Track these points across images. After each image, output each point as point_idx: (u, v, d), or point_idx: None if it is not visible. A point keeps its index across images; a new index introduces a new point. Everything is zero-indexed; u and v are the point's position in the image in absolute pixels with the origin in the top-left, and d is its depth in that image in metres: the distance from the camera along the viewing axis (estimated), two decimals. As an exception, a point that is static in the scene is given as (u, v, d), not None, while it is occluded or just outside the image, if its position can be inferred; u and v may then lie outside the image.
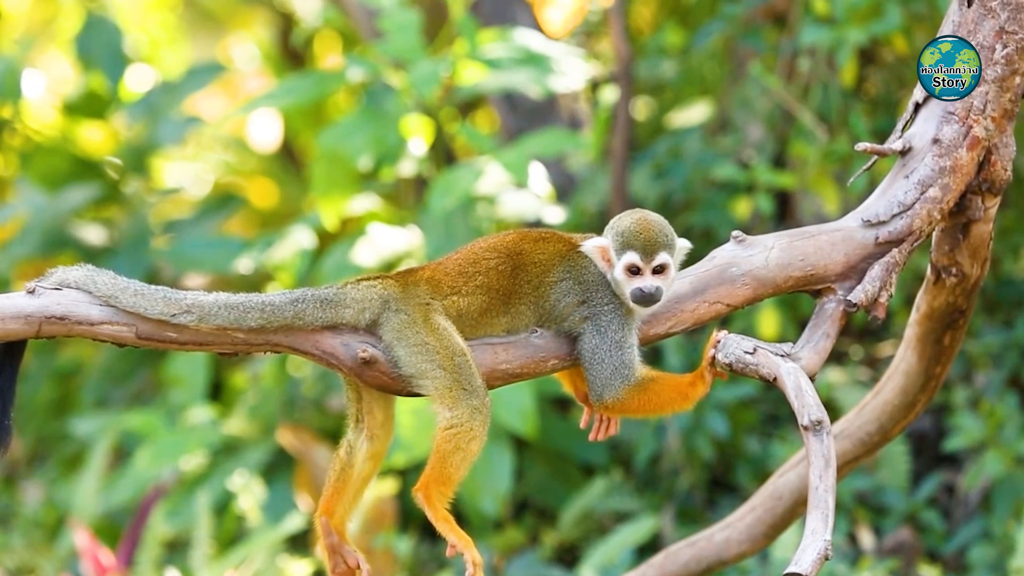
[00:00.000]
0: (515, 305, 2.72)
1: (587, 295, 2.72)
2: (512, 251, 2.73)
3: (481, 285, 2.71)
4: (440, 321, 2.67)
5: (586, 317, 2.71)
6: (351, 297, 2.67)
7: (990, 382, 4.94)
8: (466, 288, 2.71)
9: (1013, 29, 2.77)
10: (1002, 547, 4.60)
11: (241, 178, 7.04)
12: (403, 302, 2.67)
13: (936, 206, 2.78)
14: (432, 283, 2.71)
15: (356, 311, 2.67)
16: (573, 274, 2.73)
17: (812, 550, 2.48)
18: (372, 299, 2.68)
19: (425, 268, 2.74)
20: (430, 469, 2.71)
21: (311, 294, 2.65)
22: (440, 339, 2.66)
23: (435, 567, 5.04)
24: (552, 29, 6.00)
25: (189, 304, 2.60)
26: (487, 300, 2.71)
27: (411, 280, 2.70)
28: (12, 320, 2.53)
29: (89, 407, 5.92)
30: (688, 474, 5.00)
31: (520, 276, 2.72)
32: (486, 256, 2.73)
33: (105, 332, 2.57)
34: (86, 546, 4.75)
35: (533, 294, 2.72)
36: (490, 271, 2.72)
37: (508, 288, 2.72)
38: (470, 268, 2.72)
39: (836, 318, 2.76)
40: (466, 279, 2.71)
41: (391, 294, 2.68)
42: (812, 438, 2.58)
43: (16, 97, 6.30)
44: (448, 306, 2.70)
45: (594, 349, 2.70)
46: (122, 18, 7.26)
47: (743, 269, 2.76)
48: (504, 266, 2.72)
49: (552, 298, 2.72)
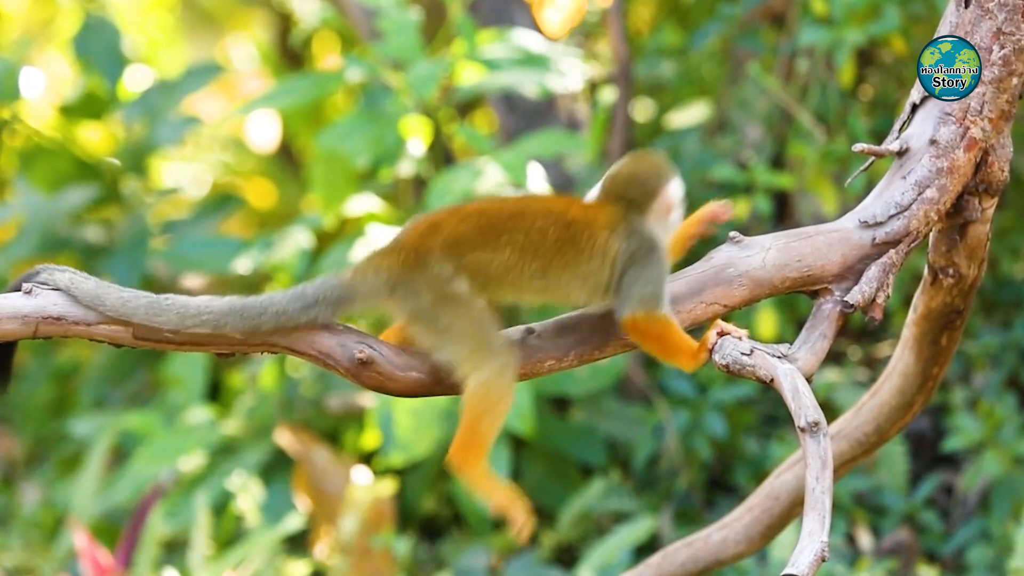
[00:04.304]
0: (555, 272, 2.68)
1: (637, 254, 2.70)
2: (562, 216, 2.69)
3: (515, 243, 2.67)
4: (455, 289, 2.64)
5: (635, 260, 2.70)
6: (360, 293, 2.65)
7: (988, 383, 4.94)
8: (496, 244, 2.66)
9: (1010, 30, 2.77)
10: (1001, 547, 4.60)
11: (239, 179, 7.04)
12: (412, 284, 2.64)
13: (933, 207, 2.79)
14: (449, 245, 2.65)
15: (366, 305, 2.66)
16: (628, 235, 2.70)
17: (809, 552, 2.48)
18: (380, 289, 2.65)
19: (443, 225, 2.66)
20: (461, 435, 2.66)
21: (324, 297, 2.62)
22: (455, 311, 2.63)
23: (434, 567, 5.05)
24: (550, 30, 6.00)
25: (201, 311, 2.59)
26: (519, 261, 2.67)
27: (424, 248, 2.65)
28: (9, 320, 2.53)
29: (87, 408, 5.92)
30: (686, 475, 5.00)
31: (568, 246, 2.68)
32: (530, 214, 2.68)
33: (102, 332, 2.58)
34: (84, 546, 4.75)
35: (586, 265, 2.69)
36: (531, 231, 2.67)
37: (552, 255, 2.68)
38: (508, 223, 2.67)
39: (833, 319, 2.76)
40: (498, 233, 2.67)
41: (398, 279, 2.65)
42: (809, 439, 2.58)
43: (14, 97, 6.30)
44: (468, 263, 2.65)
45: (636, 275, 2.68)
46: (121, 19, 7.26)
47: (740, 270, 2.76)
48: (552, 232, 2.68)
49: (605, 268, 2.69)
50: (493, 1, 5.82)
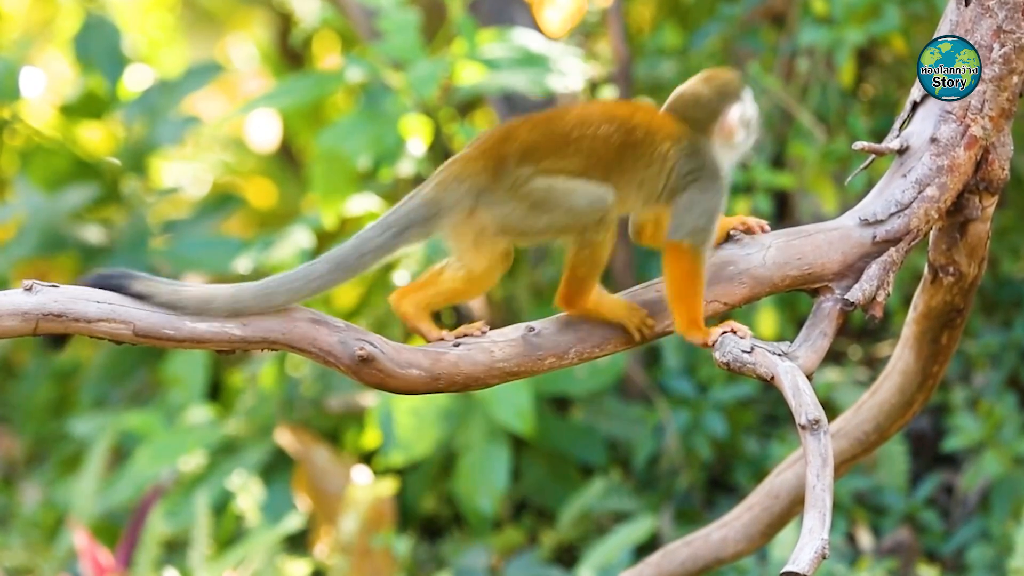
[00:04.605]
0: (615, 177, 2.68)
1: (700, 175, 2.71)
2: (626, 122, 2.69)
3: (582, 150, 2.67)
4: (537, 184, 2.65)
5: (694, 182, 2.71)
6: (446, 207, 2.66)
7: (989, 382, 4.94)
8: (566, 151, 2.67)
9: (1011, 28, 2.77)
10: (1001, 547, 4.60)
11: (240, 178, 7.04)
12: (495, 191, 2.66)
13: (933, 205, 2.79)
14: (525, 152, 2.67)
15: (451, 220, 2.67)
16: (690, 152, 2.72)
17: (809, 549, 2.48)
18: (464, 198, 2.66)
19: (515, 134, 2.68)
20: (567, 285, 2.69)
21: (413, 219, 2.65)
22: (542, 204, 2.65)
23: (434, 567, 5.05)
24: (551, 29, 5.99)
25: (309, 279, 2.64)
26: (586, 168, 2.68)
27: (503, 154, 2.67)
28: (9, 317, 2.53)
29: (87, 407, 5.92)
30: (687, 474, 5.00)
31: (629, 151, 2.69)
32: (596, 122, 2.68)
33: (102, 329, 2.57)
34: (85, 546, 4.75)
35: (644, 171, 2.70)
36: (596, 138, 2.68)
37: (613, 160, 2.69)
38: (575, 131, 2.67)
39: (833, 317, 2.76)
40: (567, 141, 2.67)
41: (482, 186, 2.66)
42: (809, 437, 2.58)
43: (14, 97, 6.30)
44: (543, 168, 2.66)
45: (695, 201, 2.70)
46: (121, 18, 7.26)
47: (740, 268, 2.76)
48: (615, 137, 2.68)
49: (662, 177, 2.70)
50: (493, 1, 5.82)
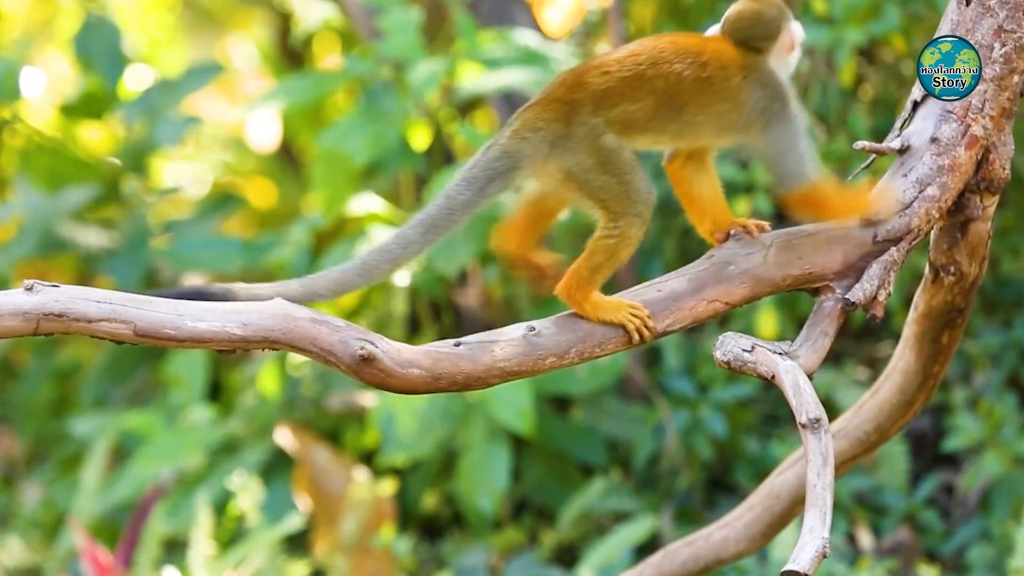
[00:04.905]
0: (690, 113, 2.69)
1: (773, 95, 2.72)
2: (698, 57, 2.69)
3: (656, 90, 2.67)
4: (607, 143, 2.66)
5: (772, 116, 2.72)
6: (525, 155, 2.68)
7: (989, 382, 4.94)
8: (638, 94, 2.67)
9: (1011, 28, 2.78)
10: (1001, 547, 4.60)
11: (240, 178, 7.04)
12: (569, 139, 2.66)
13: (934, 204, 2.79)
14: (598, 97, 2.67)
15: (529, 169, 2.69)
16: (760, 77, 2.72)
17: (810, 548, 2.48)
18: (540, 146, 2.67)
19: (588, 79, 2.68)
20: (579, 271, 2.69)
21: (496, 171, 2.67)
22: (607, 164, 2.65)
23: (434, 567, 5.05)
24: (551, 29, 6.00)
25: (406, 245, 2.67)
26: (659, 106, 2.68)
27: (576, 101, 2.67)
28: (10, 317, 2.53)
29: (88, 407, 5.92)
30: (687, 474, 5.00)
31: (704, 87, 2.69)
32: (667, 58, 2.68)
33: (103, 329, 2.57)
34: (85, 546, 4.75)
35: (718, 106, 2.70)
36: (669, 76, 2.68)
37: (686, 94, 2.68)
38: (648, 71, 2.67)
39: (834, 316, 2.76)
40: (640, 83, 2.67)
41: (557, 133, 2.67)
42: (810, 436, 2.58)
43: (14, 97, 6.30)
44: (615, 116, 2.67)
45: (782, 141, 2.71)
46: (121, 18, 7.26)
47: (741, 267, 2.76)
48: (688, 73, 2.68)
49: (736, 111, 2.71)
50: (493, 1, 5.82)
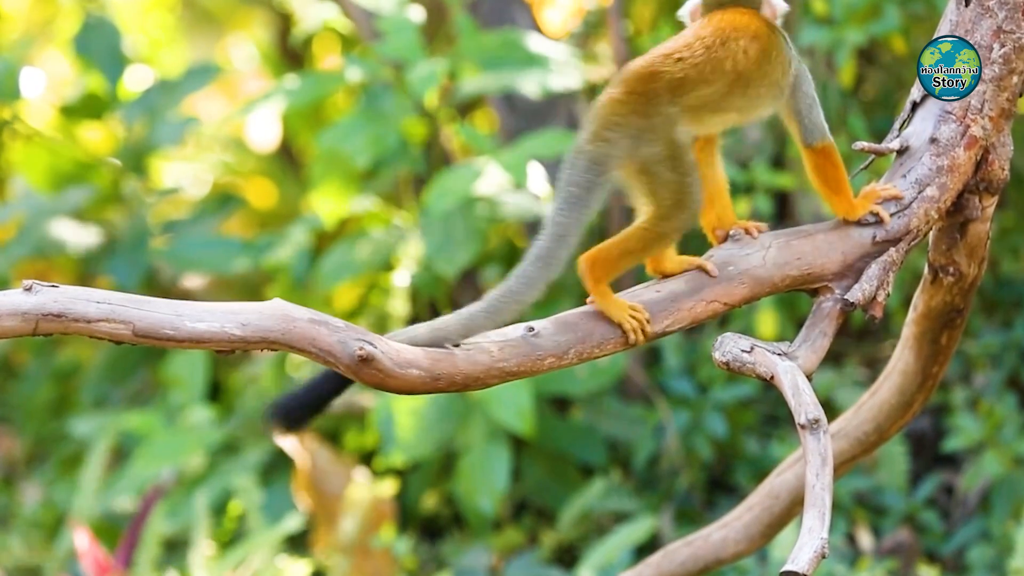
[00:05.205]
0: (755, 87, 2.73)
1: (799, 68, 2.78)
2: (755, 31, 2.72)
3: (727, 70, 2.70)
4: (680, 136, 2.68)
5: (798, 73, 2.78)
6: (613, 157, 2.67)
7: (989, 382, 4.94)
8: (713, 76, 2.70)
9: (1011, 28, 2.78)
10: (1001, 547, 4.60)
11: (240, 178, 7.03)
12: (647, 130, 2.68)
13: (933, 205, 2.79)
14: (675, 85, 2.68)
15: (618, 162, 2.69)
16: (784, 36, 2.77)
17: (809, 548, 2.48)
18: (624, 144, 2.68)
19: (660, 69, 2.69)
20: (607, 250, 2.71)
21: (594, 183, 2.67)
22: (676, 159, 2.67)
23: (434, 567, 5.05)
24: (551, 29, 6.00)
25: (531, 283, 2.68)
26: (732, 85, 2.71)
27: (652, 91, 2.69)
28: (9, 317, 2.53)
29: (88, 408, 5.92)
30: (687, 474, 5.00)
31: (765, 58, 2.72)
32: (731, 36, 2.71)
33: (102, 330, 2.57)
34: (85, 546, 4.75)
35: (774, 73, 2.74)
36: (738, 54, 2.71)
37: (752, 68, 2.71)
38: (719, 52, 2.70)
39: (833, 317, 2.76)
40: (714, 65, 2.70)
41: (638, 127, 2.67)
42: (809, 436, 2.58)
43: (14, 97, 6.30)
44: (691, 101, 2.69)
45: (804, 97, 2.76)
46: (121, 19, 7.26)
47: (740, 268, 2.76)
48: (752, 48, 2.71)
49: (785, 71, 2.75)
50: (493, 1, 5.82)
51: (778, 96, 2.77)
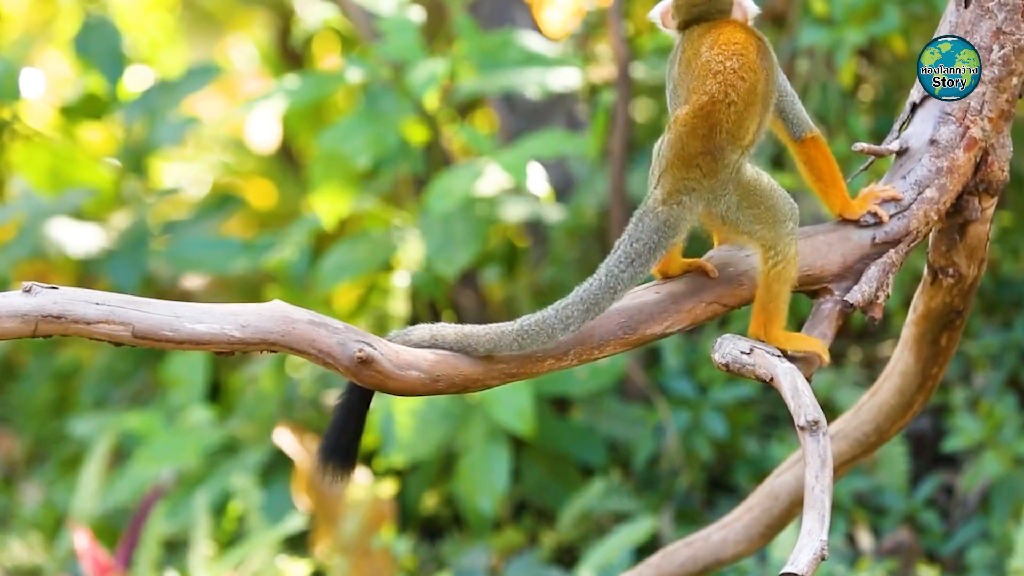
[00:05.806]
0: (772, 99, 2.75)
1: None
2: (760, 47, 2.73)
3: (760, 93, 2.70)
4: (746, 174, 2.68)
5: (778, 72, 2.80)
6: (685, 220, 2.66)
7: (989, 383, 4.94)
8: (754, 108, 2.69)
9: (1010, 30, 2.78)
10: (1001, 548, 4.60)
11: (239, 179, 7.04)
12: (720, 187, 2.67)
13: (933, 207, 2.79)
14: (734, 132, 2.67)
15: (692, 223, 2.68)
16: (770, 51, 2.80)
17: (808, 550, 2.48)
18: (697, 207, 2.67)
19: (718, 118, 2.67)
20: (763, 310, 2.69)
21: (658, 243, 2.65)
22: (751, 196, 2.67)
23: (434, 567, 5.05)
24: (551, 30, 6.00)
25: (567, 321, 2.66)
26: (764, 108, 2.72)
27: (717, 146, 2.68)
28: (9, 319, 2.53)
29: (88, 408, 5.92)
30: (687, 475, 5.00)
31: (772, 67, 2.74)
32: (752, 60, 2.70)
33: (101, 331, 2.57)
34: (85, 547, 4.75)
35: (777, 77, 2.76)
36: (759, 73, 2.71)
37: (770, 88, 2.73)
38: (751, 78, 2.69)
39: (833, 318, 2.76)
40: (754, 97, 2.69)
41: (708, 188, 2.65)
42: (808, 438, 2.58)
43: (14, 97, 6.30)
44: (746, 140, 2.69)
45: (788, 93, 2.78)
46: (121, 19, 7.26)
47: (740, 269, 2.76)
48: (763, 63, 2.72)
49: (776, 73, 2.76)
50: (493, 1, 5.83)
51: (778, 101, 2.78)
